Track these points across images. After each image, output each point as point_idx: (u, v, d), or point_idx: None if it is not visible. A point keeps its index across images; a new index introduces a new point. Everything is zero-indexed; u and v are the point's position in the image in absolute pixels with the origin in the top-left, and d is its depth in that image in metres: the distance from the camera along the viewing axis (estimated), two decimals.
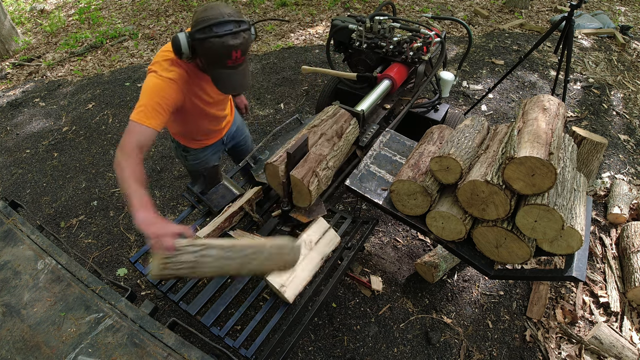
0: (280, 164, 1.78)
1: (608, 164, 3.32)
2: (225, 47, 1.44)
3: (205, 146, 2.10)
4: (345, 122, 2.05)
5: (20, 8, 7.13)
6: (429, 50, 2.60)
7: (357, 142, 2.18)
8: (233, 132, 2.22)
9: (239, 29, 1.45)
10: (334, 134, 1.96)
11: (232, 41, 1.44)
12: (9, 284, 1.46)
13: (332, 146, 1.91)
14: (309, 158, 1.81)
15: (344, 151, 2.01)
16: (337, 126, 2.00)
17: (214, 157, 2.18)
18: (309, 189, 1.72)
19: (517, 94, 4.12)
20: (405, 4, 6.03)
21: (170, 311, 2.32)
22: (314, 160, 1.81)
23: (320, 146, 1.89)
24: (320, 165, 1.81)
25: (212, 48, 1.45)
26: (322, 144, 1.90)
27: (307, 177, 1.73)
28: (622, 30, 5.32)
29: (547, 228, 1.41)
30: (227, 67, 1.51)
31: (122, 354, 1.26)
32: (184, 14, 6.09)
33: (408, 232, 2.80)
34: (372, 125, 2.28)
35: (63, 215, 3.02)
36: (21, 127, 4.03)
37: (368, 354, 2.17)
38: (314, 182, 1.75)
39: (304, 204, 1.83)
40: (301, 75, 4.45)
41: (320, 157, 1.83)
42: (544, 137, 1.40)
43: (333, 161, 1.90)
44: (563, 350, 2.19)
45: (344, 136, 2.00)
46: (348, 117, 2.07)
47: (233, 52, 1.46)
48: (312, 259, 1.78)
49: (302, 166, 1.77)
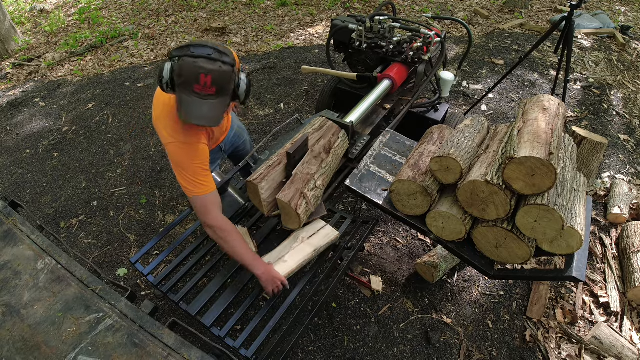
0: (261, 182, 1.70)
1: (608, 164, 3.32)
2: (195, 67, 1.33)
3: None
4: (334, 136, 1.94)
5: (20, 8, 7.13)
6: (429, 50, 2.60)
7: (347, 155, 2.09)
8: (230, 138, 2.19)
9: (219, 59, 1.35)
10: (322, 150, 1.86)
11: (204, 64, 1.33)
12: (9, 284, 1.46)
13: (319, 163, 1.82)
14: (295, 179, 1.72)
15: (333, 167, 1.92)
16: (324, 141, 1.89)
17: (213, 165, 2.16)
18: (297, 212, 1.65)
19: (517, 94, 4.12)
20: (405, 4, 6.03)
21: (170, 311, 2.32)
22: (301, 180, 1.72)
23: (308, 164, 1.79)
24: (308, 185, 1.72)
25: (183, 67, 1.35)
26: (310, 161, 1.80)
27: (294, 199, 1.66)
28: (622, 30, 5.32)
29: (547, 228, 1.41)
30: (192, 92, 1.37)
31: (122, 354, 1.26)
32: (184, 14, 6.09)
33: (408, 232, 2.80)
34: (363, 137, 2.18)
35: (63, 215, 3.02)
36: (21, 127, 4.03)
37: (368, 354, 2.17)
38: (302, 205, 1.67)
39: (294, 226, 1.76)
40: (301, 75, 4.45)
41: (308, 177, 1.74)
42: (544, 137, 1.40)
43: (322, 179, 1.81)
44: (563, 350, 2.19)
45: (333, 151, 1.90)
46: (336, 130, 1.96)
47: (202, 76, 1.33)
48: (302, 250, 1.77)
49: (288, 188, 1.68)
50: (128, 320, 1.35)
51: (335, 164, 1.93)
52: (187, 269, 1.86)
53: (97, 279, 1.49)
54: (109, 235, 2.84)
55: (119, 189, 3.20)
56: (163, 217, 2.95)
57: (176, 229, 2.80)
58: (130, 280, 2.56)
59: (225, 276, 1.81)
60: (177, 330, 1.38)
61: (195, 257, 1.91)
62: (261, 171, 1.74)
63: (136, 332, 1.31)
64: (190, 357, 1.25)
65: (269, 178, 1.73)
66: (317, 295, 2.14)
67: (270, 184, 1.74)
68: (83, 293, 1.42)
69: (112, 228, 2.90)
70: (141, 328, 1.33)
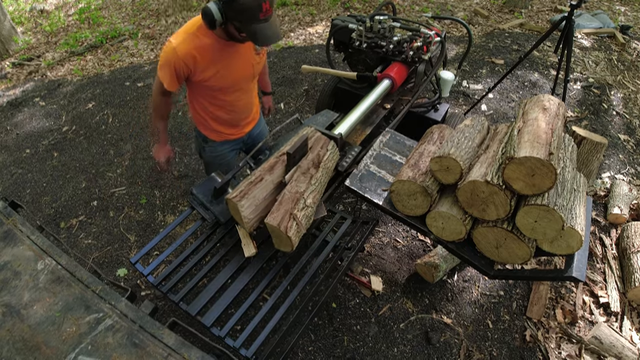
0: (241, 200, 1.64)
1: (608, 164, 3.32)
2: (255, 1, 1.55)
3: (225, 140, 2.13)
4: (322, 148, 1.84)
5: (20, 8, 7.13)
6: (429, 50, 2.60)
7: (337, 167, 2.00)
8: (256, 134, 2.26)
9: None
10: (310, 165, 1.77)
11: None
12: (9, 284, 1.46)
13: (309, 180, 1.72)
14: (284, 199, 1.64)
15: (323, 182, 1.81)
16: (312, 155, 1.80)
17: (232, 154, 2.22)
18: (287, 235, 1.57)
19: (517, 94, 4.12)
20: (405, 4, 6.03)
21: (170, 311, 2.32)
22: (289, 200, 1.63)
23: (296, 182, 1.69)
24: (298, 205, 1.63)
25: (244, 5, 1.55)
26: (298, 178, 1.71)
27: (284, 222, 1.58)
28: (622, 30, 5.31)
29: (547, 228, 1.41)
30: (259, 20, 1.60)
31: (122, 354, 1.26)
32: (184, 14, 6.09)
33: (408, 232, 2.80)
34: (354, 148, 2.11)
35: (63, 215, 3.02)
36: (21, 126, 4.02)
37: (368, 354, 2.17)
38: (292, 227, 1.59)
39: (287, 248, 1.68)
40: (301, 74, 4.45)
41: (297, 196, 1.65)
42: (544, 137, 1.40)
43: (312, 197, 1.71)
44: (563, 350, 2.19)
45: (322, 164, 1.80)
46: (325, 142, 1.87)
47: (263, 5, 1.57)
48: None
49: (277, 210, 1.60)
50: (128, 320, 1.35)
51: (326, 177, 1.85)
52: (187, 269, 1.86)
53: (97, 279, 1.49)
54: (109, 236, 2.84)
55: (119, 189, 3.20)
56: (163, 217, 2.95)
57: (176, 229, 2.80)
58: (130, 280, 2.56)
59: (226, 276, 1.81)
60: (177, 330, 1.38)
61: (195, 258, 1.91)
62: (241, 188, 1.69)
63: (136, 332, 1.31)
64: (190, 357, 1.25)
65: (250, 195, 1.67)
66: (317, 295, 2.14)
67: (252, 201, 1.67)
68: (83, 293, 1.42)
69: (112, 228, 2.89)
70: (141, 328, 1.33)
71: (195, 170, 3.33)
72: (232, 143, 2.17)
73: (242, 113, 2.09)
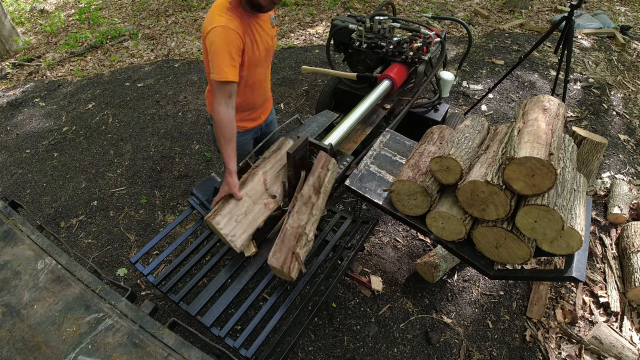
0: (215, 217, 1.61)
1: (608, 164, 3.32)
2: None
3: (246, 130, 2.13)
4: (323, 169, 1.71)
5: (20, 8, 7.13)
6: (429, 50, 2.60)
7: None
8: (270, 121, 2.29)
9: None
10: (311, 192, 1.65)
11: None
12: (9, 284, 1.46)
13: (310, 210, 1.64)
14: (286, 236, 1.58)
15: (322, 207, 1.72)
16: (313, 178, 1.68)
17: (251, 143, 2.23)
18: (290, 275, 1.56)
19: (517, 94, 4.12)
20: (405, 4, 6.03)
21: (170, 311, 2.32)
22: (292, 237, 1.56)
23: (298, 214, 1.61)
24: (300, 242, 1.56)
25: None
26: (300, 210, 1.62)
27: (286, 263, 1.55)
28: (622, 30, 5.32)
29: (547, 228, 1.41)
30: None
31: (122, 354, 1.26)
32: (184, 14, 6.09)
33: (408, 232, 2.80)
34: (346, 157, 2.06)
35: (63, 215, 3.02)
36: (21, 127, 4.03)
37: (368, 354, 2.17)
38: (294, 267, 1.55)
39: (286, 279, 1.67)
40: (301, 75, 4.45)
41: (299, 231, 1.57)
42: (544, 138, 1.40)
43: (313, 229, 1.64)
44: (563, 350, 2.19)
45: (323, 189, 1.70)
46: (326, 160, 1.75)
47: None
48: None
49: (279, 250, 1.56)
50: (128, 320, 1.35)
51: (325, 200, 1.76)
52: (187, 269, 1.86)
53: (97, 279, 1.49)
54: (109, 235, 2.84)
55: (119, 189, 3.20)
56: (163, 217, 2.95)
57: (176, 229, 2.80)
58: (130, 280, 2.56)
59: (225, 276, 1.81)
60: (177, 330, 1.38)
61: (195, 257, 1.91)
62: (215, 207, 1.68)
63: (136, 332, 1.31)
64: (190, 357, 1.25)
65: (224, 212, 1.66)
66: (317, 295, 2.14)
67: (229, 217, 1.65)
68: (83, 293, 1.42)
69: (112, 228, 2.90)
70: (141, 328, 1.33)
71: (195, 170, 3.33)
72: (252, 132, 2.19)
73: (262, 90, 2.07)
